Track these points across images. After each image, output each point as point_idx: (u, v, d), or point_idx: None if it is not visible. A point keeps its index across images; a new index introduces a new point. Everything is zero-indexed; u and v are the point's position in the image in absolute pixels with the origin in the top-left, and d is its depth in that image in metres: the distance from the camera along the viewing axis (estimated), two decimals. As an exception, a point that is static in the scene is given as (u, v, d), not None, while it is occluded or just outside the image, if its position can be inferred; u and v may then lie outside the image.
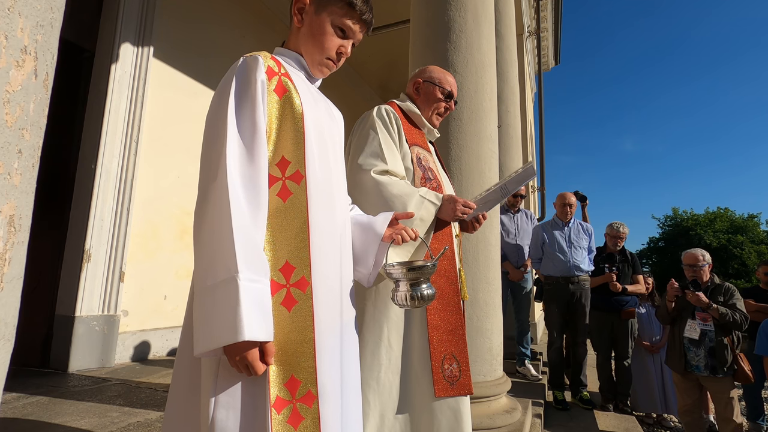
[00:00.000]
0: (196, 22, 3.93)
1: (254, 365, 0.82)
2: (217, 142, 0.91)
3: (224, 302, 0.81)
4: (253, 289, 0.83)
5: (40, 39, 0.57)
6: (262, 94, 0.96)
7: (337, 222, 1.04)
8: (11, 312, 0.54)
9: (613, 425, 3.57)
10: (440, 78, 1.72)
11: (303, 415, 0.86)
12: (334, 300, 0.99)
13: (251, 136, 0.92)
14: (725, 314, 3.09)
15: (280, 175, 0.96)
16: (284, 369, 0.88)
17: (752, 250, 27.54)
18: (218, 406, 0.83)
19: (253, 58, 0.99)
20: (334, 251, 1.01)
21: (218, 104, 0.95)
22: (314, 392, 0.88)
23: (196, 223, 0.89)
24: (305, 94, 1.04)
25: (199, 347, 0.82)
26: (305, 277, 0.92)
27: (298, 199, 0.95)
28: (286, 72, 1.03)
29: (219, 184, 0.87)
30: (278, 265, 0.92)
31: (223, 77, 1.00)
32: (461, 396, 1.41)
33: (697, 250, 3.44)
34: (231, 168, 0.87)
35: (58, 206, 3.14)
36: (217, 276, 0.83)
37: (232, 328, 0.79)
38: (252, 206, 0.89)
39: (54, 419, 1.94)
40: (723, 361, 3.09)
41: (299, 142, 0.97)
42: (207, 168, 0.91)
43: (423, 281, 1.13)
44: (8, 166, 0.52)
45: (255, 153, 0.92)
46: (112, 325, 3.10)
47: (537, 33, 8.82)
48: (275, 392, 0.85)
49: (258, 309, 0.83)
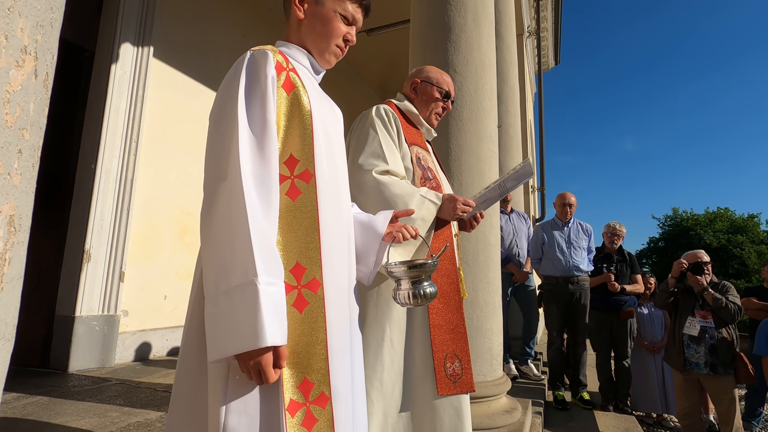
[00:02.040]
0: (197, 22, 3.93)
1: (267, 371, 0.80)
2: (225, 140, 0.88)
3: (243, 307, 0.78)
4: (271, 293, 0.81)
5: (40, 39, 0.57)
6: (273, 90, 0.93)
7: (344, 221, 1.03)
8: (11, 312, 0.54)
9: (613, 425, 3.57)
10: (437, 78, 1.73)
11: (317, 417, 0.85)
12: (343, 300, 0.97)
13: (262, 133, 0.90)
14: (719, 299, 3.13)
15: (288, 174, 0.94)
16: (297, 371, 0.86)
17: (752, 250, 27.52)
18: (230, 413, 0.80)
19: (262, 52, 0.96)
20: (343, 251, 1.00)
21: (226, 100, 0.92)
22: (327, 393, 0.87)
23: (204, 224, 0.86)
24: (311, 90, 1.02)
25: (215, 353, 0.79)
26: (316, 278, 0.91)
27: (307, 198, 0.93)
28: (293, 68, 1.00)
29: (231, 182, 0.84)
30: (289, 266, 0.89)
31: (229, 72, 0.97)
32: (463, 394, 1.42)
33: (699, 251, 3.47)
34: (244, 166, 0.84)
35: (58, 206, 3.14)
36: (233, 280, 0.80)
37: (252, 335, 0.77)
38: (264, 206, 0.86)
39: (54, 419, 1.94)
40: (724, 359, 3.10)
41: (308, 140, 0.95)
42: (215, 166, 0.88)
43: (424, 279, 1.13)
44: (8, 166, 0.52)
45: (266, 151, 0.89)
46: (112, 325, 3.10)
47: (537, 33, 8.82)
48: (288, 395, 0.84)
49: (276, 313, 0.81)
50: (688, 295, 3.35)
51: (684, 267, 3.32)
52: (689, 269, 3.27)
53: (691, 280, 3.24)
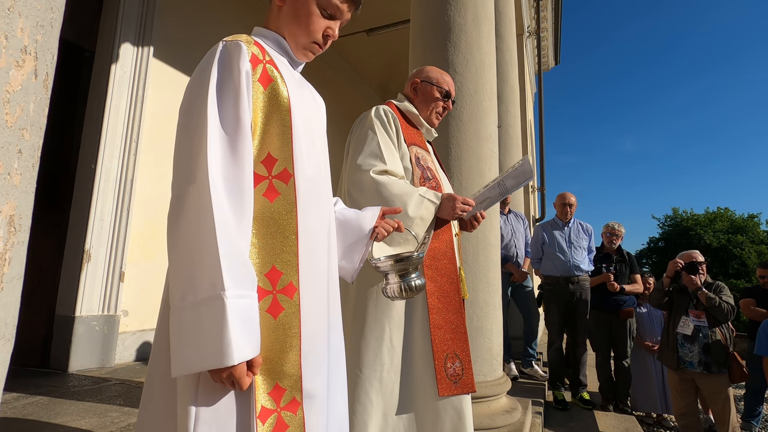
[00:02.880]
0: (197, 21, 3.93)
1: (241, 381, 0.77)
2: (195, 139, 0.82)
3: (210, 322, 0.74)
4: (240, 306, 0.76)
5: (40, 39, 0.57)
6: (247, 86, 0.87)
7: (324, 221, 0.99)
8: (11, 312, 0.54)
9: (613, 425, 3.57)
10: (438, 78, 1.73)
11: (288, 422, 0.83)
12: (321, 304, 0.94)
13: (234, 132, 0.84)
14: (712, 299, 3.15)
15: (266, 174, 0.89)
16: (269, 378, 0.83)
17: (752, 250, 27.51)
18: (200, 422, 0.77)
19: (235, 44, 0.89)
20: (323, 253, 0.96)
21: (196, 96, 0.86)
22: (299, 398, 0.84)
23: (171, 229, 0.81)
24: (291, 82, 0.95)
25: (179, 369, 0.75)
26: (293, 282, 0.87)
27: (286, 199, 0.89)
28: (271, 59, 0.94)
29: (199, 186, 0.78)
30: (264, 270, 0.85)
31: (200, 64, 0.91)
32: (464, 395, 1.42)
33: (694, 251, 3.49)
34: (213, 168, 0.79)
35: (58, 206, 3.14)
36: (199, 293, 0.75)
37: (219, 353, 0.73)
38: (236, 211, 0.81)
39: (54, 419, 1.94)
40: (717, 358, 3.12)
41: (287, 138, 0.90)
42: (183, 167, 0.82)
43: (411, 272, 1.13)
44: (8, 166, 0.52)
45: (239, 152, 0.83)
46: (112, 325, 3.10)
47: (537, 33, 8.82)
48: (260, 402, 0.81)
49: (246, 327, 0.77)
50: (683, 294, 3.38)
51: (679, 266, 3.35)
52: (684, 269, 3.30)
53: (686, 279, 3.27)
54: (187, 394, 0.79)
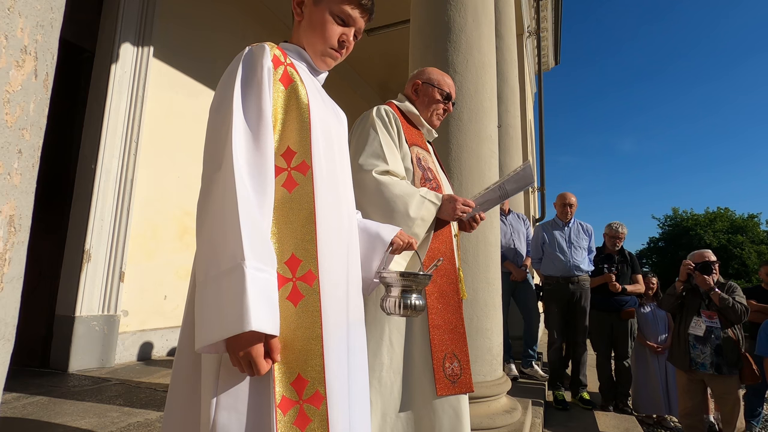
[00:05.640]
0: (197, 22, 3.93)
1: (258, 362, 0.78)
2: (221, 130, 0.88)
3: (230, 291, 0.76)
4: (260, 278, 0.78)
5: (40, 39, 0.57)
6: (269, 80, 0.94)
7: (343, 218, 1.01)
8: (11, 312, 0.54)
9: (613, 425, 3.57)
10: (439, 80, 1.73)
11: (310, 416, 0.82)
12: (340, 296, 0.95)
13: (257, 122, 0.90)
14: (725, 299, 3.10)
15: (285, 166, 0.93)
16: (290, 367, 0.83)
17: (752, 250, 27.53)
18: (220, 408, 0.79)
19: (260, 46, 0.97)
20: (341, 247, 0.98)
21: (224, 92, 0.93)
22: (322, 392, 0.83)
23: (200, 214, 0.85)
24: (310, 86, 1.02)
25: (202, 339, 0.77)
26: (312, 270, 0.88)
27: (304, 190, 0.92)
28: (291, 62, 1.01)
29: (224, 171, 0.83)
30: (284, 258, 0.88)
31: (228, 67, 0.98)
32: (462, 394, 1.42)
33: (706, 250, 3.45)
34: (237, 155, 0.84)
35: (58, 206, 3.14)
36: (221, 265, 0.78)
37: (238, 318, 0.74)
38: (258, 194, 0.86)
39: (54, 419, 1.94)
40: (729, 359, 3.08)
41: (305, 133, 0.95)
42: (211, 157, 0.88)
43: (415, 291, 1.10)
44: (8, 166, 0.52)
45: (261, 140, 0.89)
46: (112, 325, 3.10)
47: (537, 33, 8.82)
48: (281, 392, 0.81)
49: (265, 300, 0.78)
50: (694, 295, 3.33)
51: (691, 268, 3.29)
52: (697, 269, 3.24)
53: (699, 279, 3.20)
54: (209, 382, 0.81)
